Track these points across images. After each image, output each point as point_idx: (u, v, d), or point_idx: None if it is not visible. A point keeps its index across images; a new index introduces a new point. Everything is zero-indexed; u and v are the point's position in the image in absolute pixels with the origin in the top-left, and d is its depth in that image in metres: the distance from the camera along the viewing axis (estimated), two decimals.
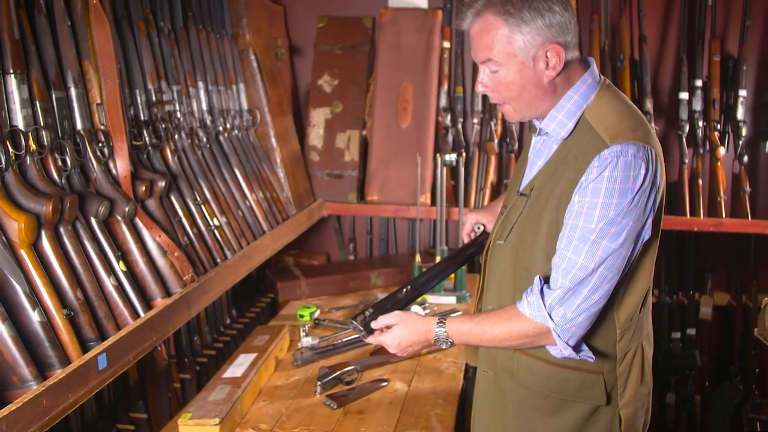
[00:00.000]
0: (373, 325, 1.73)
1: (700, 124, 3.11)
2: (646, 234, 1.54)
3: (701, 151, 3.12)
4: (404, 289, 1.79)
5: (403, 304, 1.79)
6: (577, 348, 1.54)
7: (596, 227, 1.46)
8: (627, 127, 1.50)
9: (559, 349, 1.54)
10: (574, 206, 1.49)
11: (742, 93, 3.06)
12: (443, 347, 1.68)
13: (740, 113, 3.06)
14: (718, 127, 3.10)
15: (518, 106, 1.58)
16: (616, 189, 1.45)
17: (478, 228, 2.05)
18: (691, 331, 3.35)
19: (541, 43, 1.49)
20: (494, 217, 1.92)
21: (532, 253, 1.59)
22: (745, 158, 3.06)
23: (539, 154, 1.66)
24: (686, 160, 3.11)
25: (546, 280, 1.54)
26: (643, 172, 1.45)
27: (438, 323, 1.65)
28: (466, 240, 2.08)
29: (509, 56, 1.51)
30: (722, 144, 3.09)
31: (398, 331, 1.70)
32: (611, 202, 1.45)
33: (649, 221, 1.52)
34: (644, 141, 1.48)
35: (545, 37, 1.49)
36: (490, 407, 1.76)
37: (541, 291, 1.52)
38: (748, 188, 3.02)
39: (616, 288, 1.53)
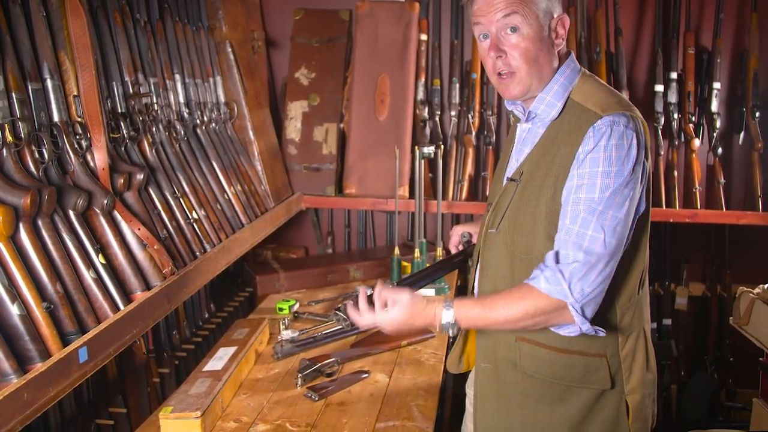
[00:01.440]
0: (376, 295, 1.64)
1: (676, 116, 3.15)
2: (641, 206, 1.56)
3: (676, 143, 3.16)
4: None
5: None
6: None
7: (601, 197, 1.47)
8: (614, 101, 1.55)
9: (577, 326, 1.51)
10: (573, 180, 1.51)
11: (716, 85, 3.11)
12: (450, 334, 1.59)
13: (714, 105, 3.11)
14: (693, 119, 3.15)
15: (530, 73, 1.57)
16: (614, 157, 1.48)
17: (464, 237, 2.05)
18: (667, 322, 3.39)
19: (555, 12, 1.57)
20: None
21: (532, 236, 1.58)
22: (720, 150, 3.12)
23: (525, 142, 1.68)
24: (662, 152, 3.15)
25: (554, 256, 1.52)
26: (635, 141, 1.49)
27: (445, 307, 1.57)
28: (453, 252, 2.07)
29: (533, 16, 1.55)
30: (697, 136, 3.14)
31: (395, 312, 1.62)
32: (611, 170, 1.48)
33: (643, 192, 1.55)
34: (631, 113, 1.53)
35: (559, 7, 1.58)
36: (492, 401, 1.73)
37: (558, 266, 1.49)
38: (722, 179, 3.06)
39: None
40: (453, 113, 3.29)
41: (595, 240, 1.47)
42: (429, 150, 2.96)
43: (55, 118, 1.72)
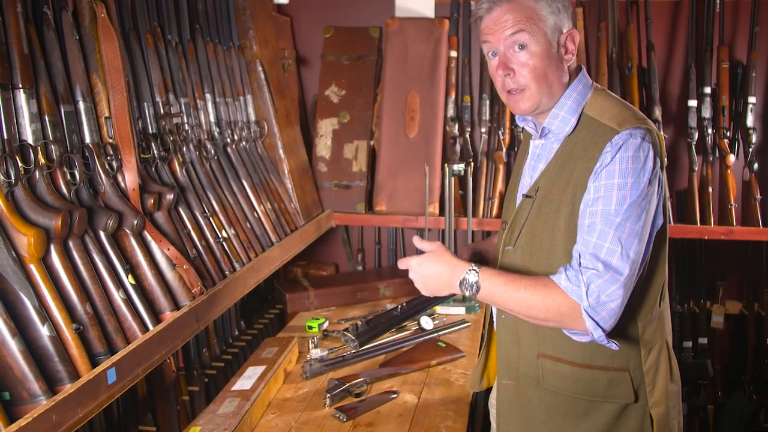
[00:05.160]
0: (416, 240, 1.73)
1: (710, 131, 3.10)
2: (659, 219, 1.56)
3: (711, 158, 3.11)
4: (399, 307, 1.79)
5: (398, 321, 1.79)
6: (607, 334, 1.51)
7: (618, 209, 1.47)
8: (629, 115, 1.55)
9: (589, 331, 1.48)
10: (590, 194, 1.51)
11: (752, 100, 3.05)
12: (465, 293, 1.59)
13: (750, 120, 3.05)
14: (728, 134, 3.09)
15: (540, 89, 1.59)
16: (629, 169, 1.47)
17: (475, 256, 2.03)
18: (703, 340, 3.33)
19: (564, 27, 1.58)
20: (492, 247, 1.92)
21: (551, 252, 1.58)
22: (756, 165, 3.05)
23: (540, 158, 1.68)
24: (696, 168, 3.09)
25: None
26: (651, 154, 1.49)
27: (471, 268, 1.58)
28: None
29: (540, 32, 1.56)
30: (732, 151, 3.08)
31: (428, 259, 1.66)
32: (627, 181, 1.47)
33: (660, 205, 1.55)
34: (647, 126, 1.53)
35: (568, 22, 1.59)
36: (516, 419, 1.74)
37: (580, 269, 1.49)
38: (758, 195, 3.00)
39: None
40: (483, 130, 3.28)
41: (612, 252, 1.47)
42: (459, 167, 2.95)
43: (87, 139, 1.74)
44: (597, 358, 1.59)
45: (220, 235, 2.19)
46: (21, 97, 1.54)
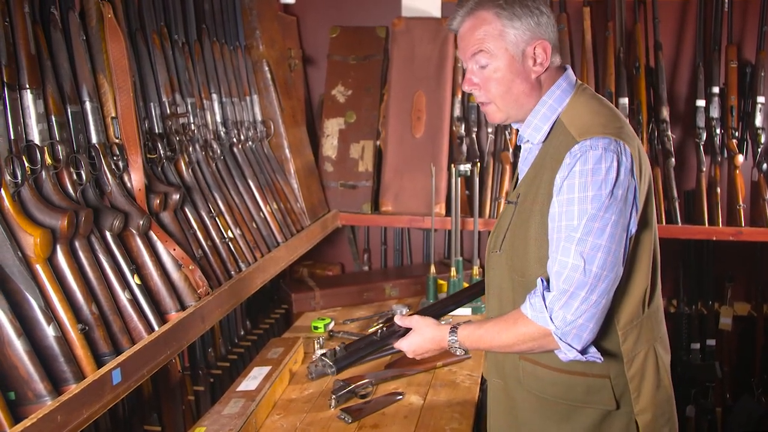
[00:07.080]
0: (397, 320, 1.78)
1: (718, 131, 3.08)
2: (633, 227, 1.52)
3: (719, 158, 3.08)
4: (379, 331, 1.81)
5: (377, 346, 1.81)
6: (583, 350, 1.51)
7: (579, 224, 1.45)
8: (598, 123, 1.52)
9: (564, 353, 1.51)
10: (555, 208, 1.50)
11: (761, 100, 3.03)
12: (458, 354, 1.69)
13: (759, 120, 3.03)
14: (736, 134, 3.07)
15: (505, 103, 1.60)
16: (589, 182, 1.45)
17: None
18: (711, 342, 3.31)
19: (530, 39, 1.55)
20: None
21: (525, 259, 1.59)
22: (765, 166, 3.02)
23: (526, 162, 1.69)
24: (704, 168, 3.07)
25: (547, 282, 1.53)
26: (615, 164, 1.45)
27: (451, 331, 1.67)
28: None
29: (500, 49, 1.55)
30: (740, 151, 3.05)
31: (413, 338, 1.75)
32: (587, 195, 1.45)
33: (634, 215, 1.51)
34: (615, 135, 1.48)
35: (534, 33, 1.55)
36: (503, 416, 1.75)
37: (543, 293, 1.51)
38: (767, 196, 2.98)
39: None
40: (490, 130, 3.26)
41: (576, 268, 1.45)
42: (465, 168, 2.94)
43: (94, 139, 1.75)
44: (575, 364, 1.57)
45: (226, 236, 2.18)
46: (28, 97, 1.54)
